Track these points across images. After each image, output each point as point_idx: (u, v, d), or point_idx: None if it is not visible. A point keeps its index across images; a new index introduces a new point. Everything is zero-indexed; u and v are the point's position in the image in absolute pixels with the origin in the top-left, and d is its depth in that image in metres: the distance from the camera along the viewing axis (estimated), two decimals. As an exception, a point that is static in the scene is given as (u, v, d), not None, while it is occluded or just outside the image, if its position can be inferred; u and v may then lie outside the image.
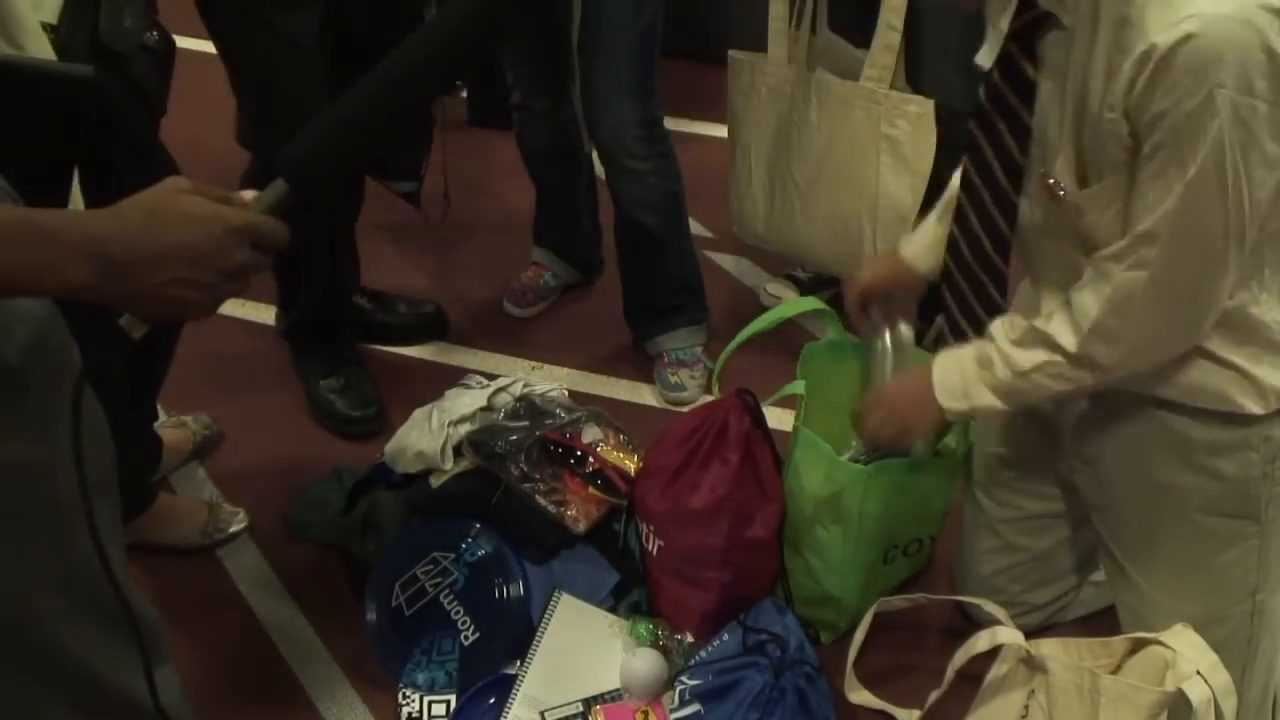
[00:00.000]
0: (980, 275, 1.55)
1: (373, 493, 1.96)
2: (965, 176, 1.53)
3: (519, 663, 1.74)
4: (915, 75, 2.16)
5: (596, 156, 2.39)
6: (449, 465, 1.88)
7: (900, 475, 1.75)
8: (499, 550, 1.81)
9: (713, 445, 1.73)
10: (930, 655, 1.82)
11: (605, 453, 1.90)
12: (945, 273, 1.60)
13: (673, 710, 1.68)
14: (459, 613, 1.79)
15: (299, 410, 2.34)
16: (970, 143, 1.50)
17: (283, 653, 1.87)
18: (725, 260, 2.78)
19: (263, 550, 2.04)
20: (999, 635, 1.62)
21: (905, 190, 2.18)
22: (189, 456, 2.21)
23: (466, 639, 1.77)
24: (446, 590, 1.80)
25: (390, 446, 1.97)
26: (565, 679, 1.73)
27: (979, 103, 1.47)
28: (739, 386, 1.77)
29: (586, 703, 1.71)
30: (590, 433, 1.92)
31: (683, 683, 1.69)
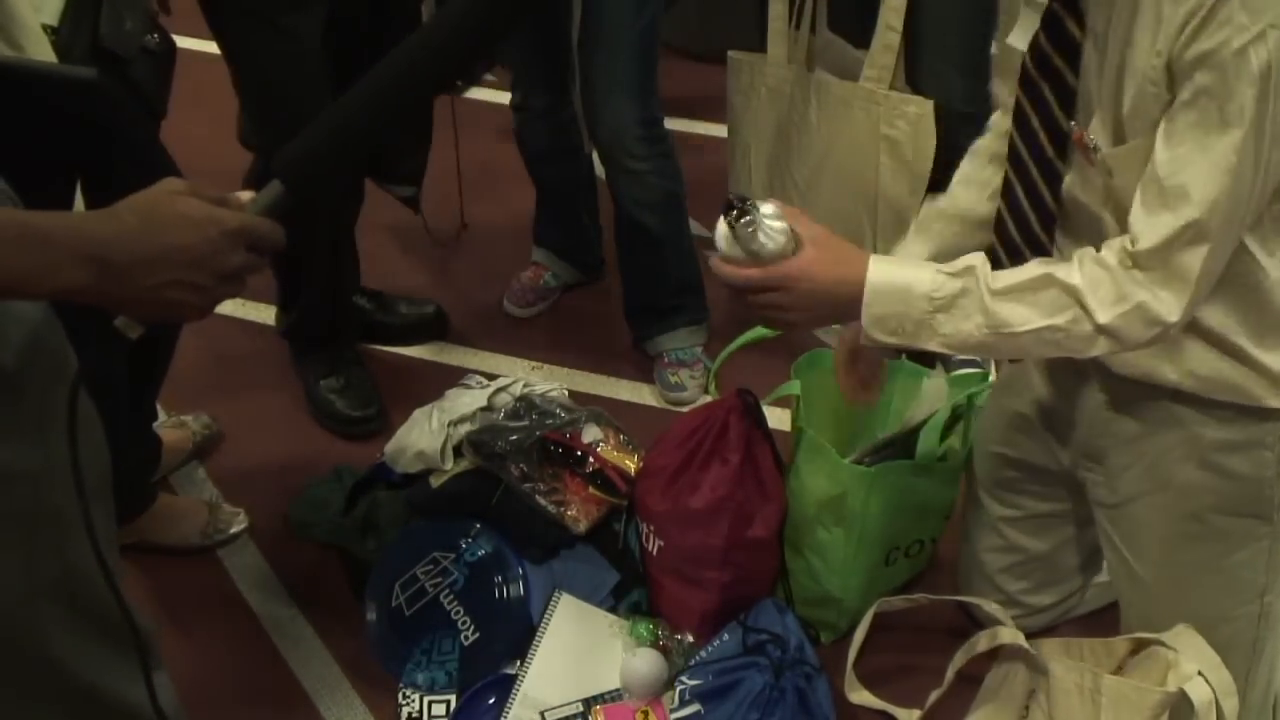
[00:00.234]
0: (1027, 255, 1.44)
1: (373, 493, 1.96)
2: (1012, 149, 1.45)
3: (519, 663, 1.74)
4: (915, 75, 2.16)
5: (596, 156, 2.39)
6: (449, 465, 1.88)
7: (903, 477, 1.75)
8: (499, 550, 1.81)
9: (713, 445, 1.73)
10: (930, 655, 1.82)
11: (605, 453, 1.90)
12: (991, 256, 1.47)
13: (673, 710, 1.68)
14: (459, 613, 1.79)
15: (299, 410, 2.34)
16: (1016, 112, 1.43)
17: (283, 653, 1.87)
18: (725, 260, 2.78)
19: (263, 550, 2.04)
20: (1000, 635, 1.62)
21: (905, 191, 2.18)
22: (189, 456, 2.21)
23: (466, 639, 1.77)
24: (446, 590, 1.80)
25: (390, 446, 1.97)
26: (565, 679, 1.73)
27: (1023, 68, 1.39)
28: (739, 387, 1.77)
29: (586, 703, 1.71)
30: (590, 433, 1.92)
31: (683, 683, 1.69)
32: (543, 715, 1.68)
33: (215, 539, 2.03)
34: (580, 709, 1.70)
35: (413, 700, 1.74)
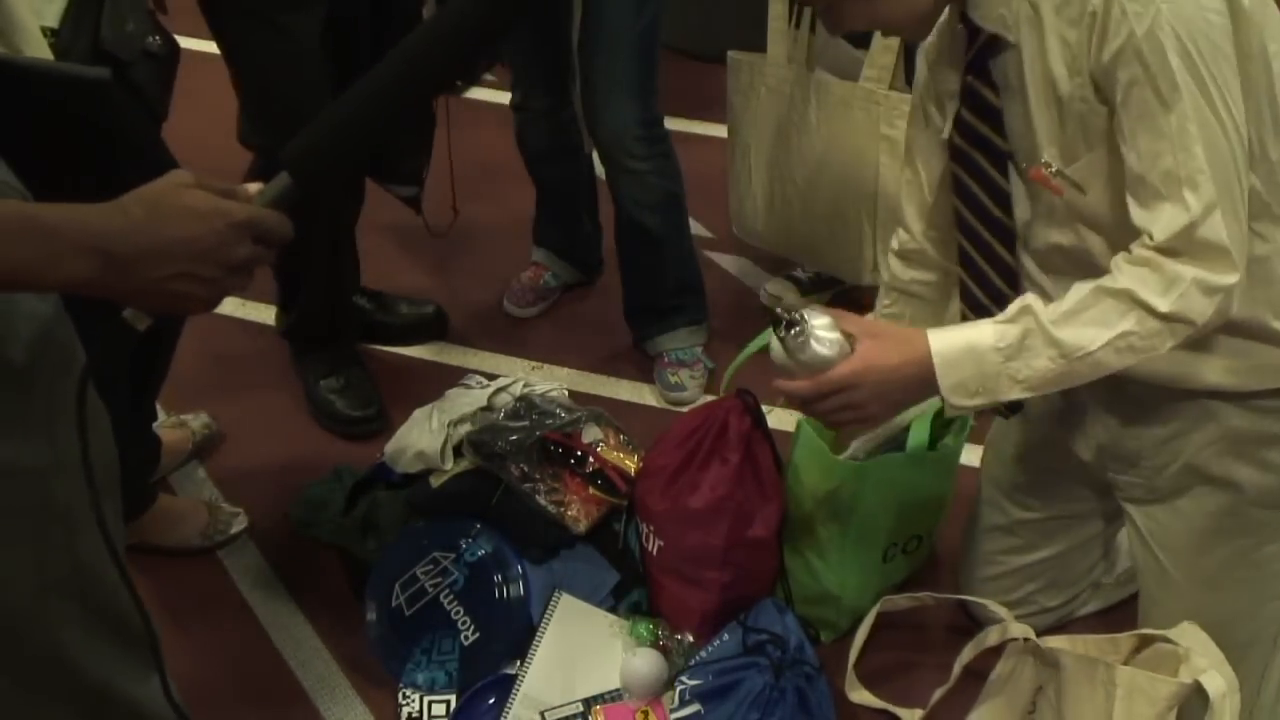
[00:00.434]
0: (994, 311, 1.46)
1: (373, 493, 1.96)
2: (960, 219, 1.50)
3: (519, 663, 1.74)
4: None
5: (596, 156, 2.39)
6: (449, 465, 1.88)
7: (896, 470, 1.76)
8: (499, 550, 1.81)
9: (713, 445, 1.73)
10: (931, 654, 1.82)
11: (605, 453, 1.90)
12: (963, 318, 1.56)
13: (673, 710, 1.68)
14: (459, 613, 1.79)
15: (299, 410, 2.34)
16: (955, 185, 1.49)
17: (283, 653, 1.87)
18: (725, 260, 2.78)
19: (263, 550, 2.04)
20: (1011, 629, 1.61)
21: (905, 190, 2.18)
22: (189, 457, 2.20)
23: (466, 639, 1.77)
24: (446, 590, 1.80)
25: (390, 446, 1.97)
26: (565, 679, 1.73)
27: (952, 144, 1.46)
28: (739, 387, 1.77)
29: (586, 703, 1.71)
30: (590, 433, 1.92)
31: (683, 683, 1.69)
32: (543, 715, 1.68)
33: (215, 539, 2.03)
34: (580, 709, 1.70)
35: (413, 700, 1.74)
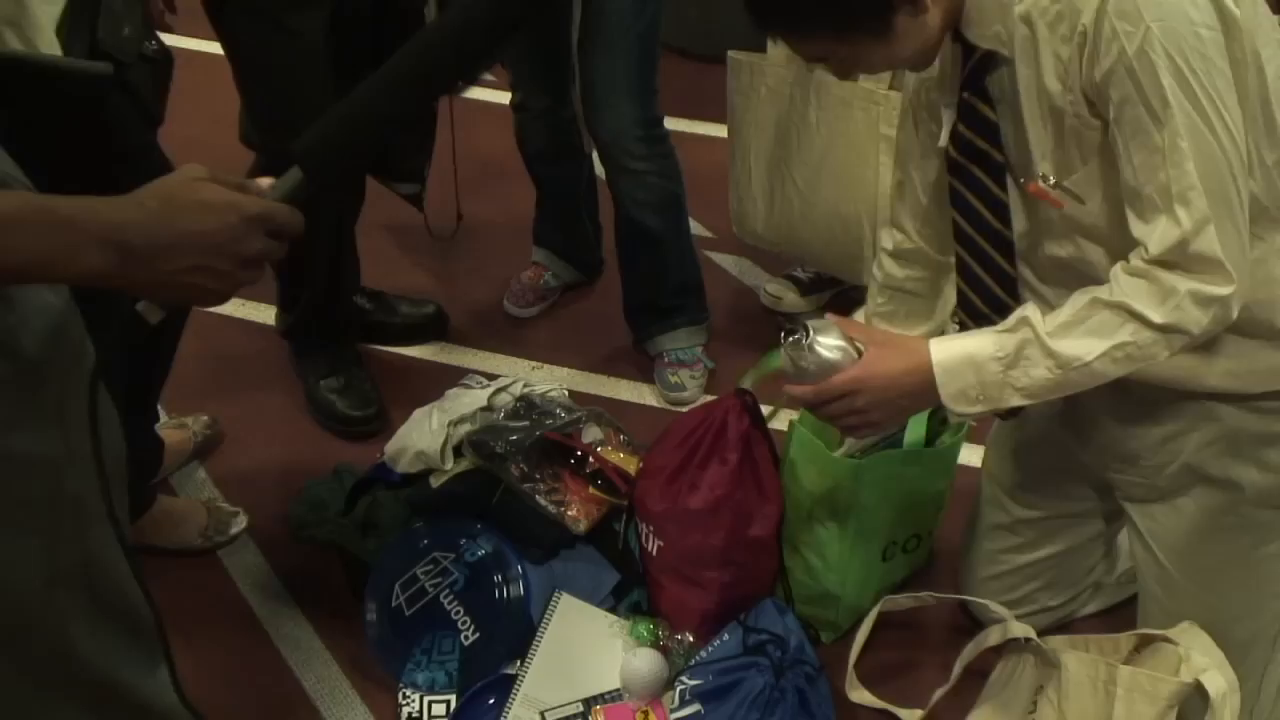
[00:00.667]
0: (995, 320, 1.47)
1: (373, 493, 1.96)
2: (958, 231, 1.51)
3: (519, 663, 1.74)
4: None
5: (596, 156, 2.39)
6: (449, 465, 1.88)
7: (893, 466, 1.76)
8: (499, 550, 1.81)
9: (712, 445, 1.73)
10: (931, 654, 1.82)
11: (605, 453, 1.90)
12: (962, 326, 1.57)
13: (673, 710, 1.68)
14: (459, 613, 1.79)
15: (299, 410, 2.34)
16: (953, 198, 1.50)
17: (283, 653, 1.87)
18: (725, 260, 2.78)
19: (263, 550, 2.05)
20: (1011, 629, 1.61)
21: (905, 190, 2.18)
22: (189, 457, 2.21)
23: (466, 639, 1.77)
24: (446, 590, 1.80)
25: (390, 446, 1.97)
26: (565, 679, 1.73)
27: (950, 158, 1.47)
28: (739, 387, 1.77)
29: (586, 703, 1.71)
30: (591, 433, 1.92)
31: (683, 683, 1.69)
32: (543, 715, 1.68)
33: (215, 540, 2.03)
34: (580, 709, 1.70)
35: (413, 700, 1.74)
